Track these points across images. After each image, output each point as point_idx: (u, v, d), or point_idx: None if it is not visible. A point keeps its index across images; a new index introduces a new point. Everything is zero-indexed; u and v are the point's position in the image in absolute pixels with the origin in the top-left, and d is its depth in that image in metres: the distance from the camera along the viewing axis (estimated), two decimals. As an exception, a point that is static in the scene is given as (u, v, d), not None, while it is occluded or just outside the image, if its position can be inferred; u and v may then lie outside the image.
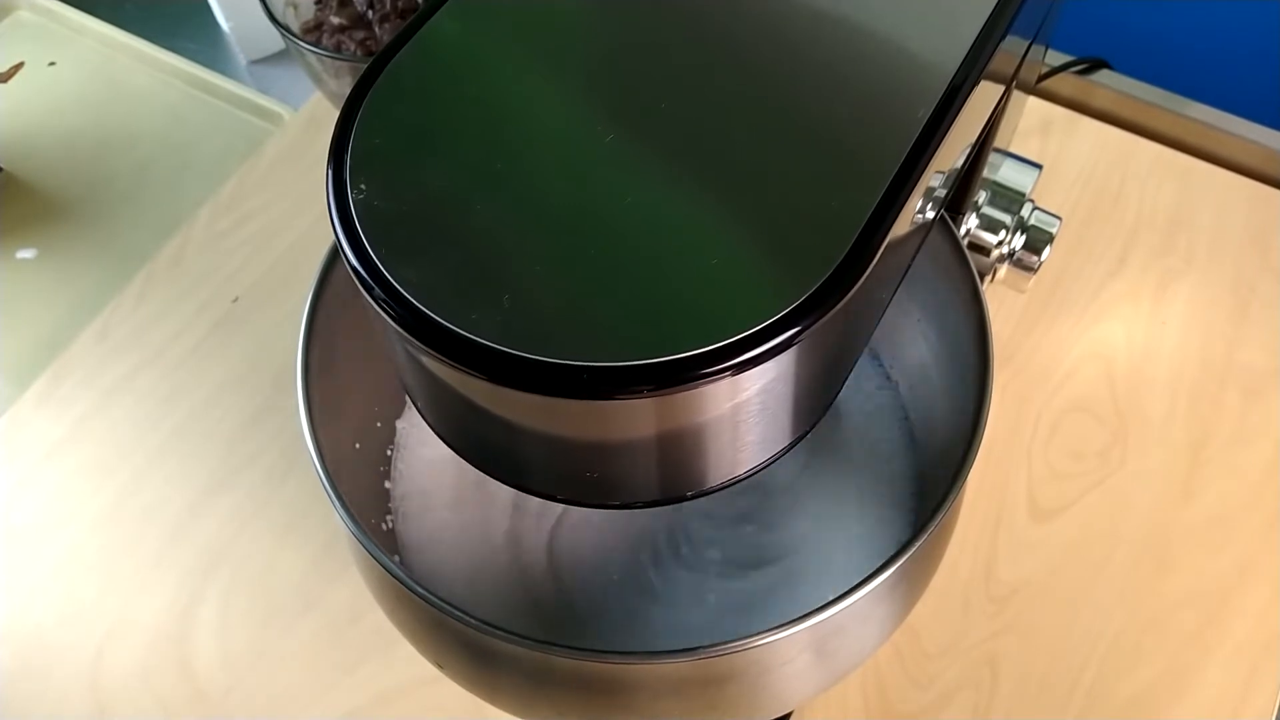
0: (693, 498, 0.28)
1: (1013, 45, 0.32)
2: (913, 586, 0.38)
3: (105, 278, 0.69)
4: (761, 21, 0.28)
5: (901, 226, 0.25)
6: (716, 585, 0.45)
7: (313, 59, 0.49)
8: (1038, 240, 0.46)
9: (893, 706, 0.47)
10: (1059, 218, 0.46)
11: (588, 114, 0.26)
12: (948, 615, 0.49)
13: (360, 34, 0.52)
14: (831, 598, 0.31)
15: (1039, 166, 0.46)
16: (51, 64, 0.82)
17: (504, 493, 0.47)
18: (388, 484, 0.47)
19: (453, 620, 0.31)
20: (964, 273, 0.39)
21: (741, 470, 0.28)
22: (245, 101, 0.79)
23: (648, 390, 0.22)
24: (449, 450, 0.29)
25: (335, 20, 0.52)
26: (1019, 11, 0.29)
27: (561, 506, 0.46)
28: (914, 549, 0.32)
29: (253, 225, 0.64)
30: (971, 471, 0.34)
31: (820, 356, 0.25)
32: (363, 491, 0.44)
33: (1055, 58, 0.66)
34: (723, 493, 0.28)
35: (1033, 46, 0.38)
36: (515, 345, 0.23)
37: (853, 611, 0.32)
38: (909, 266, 0.31)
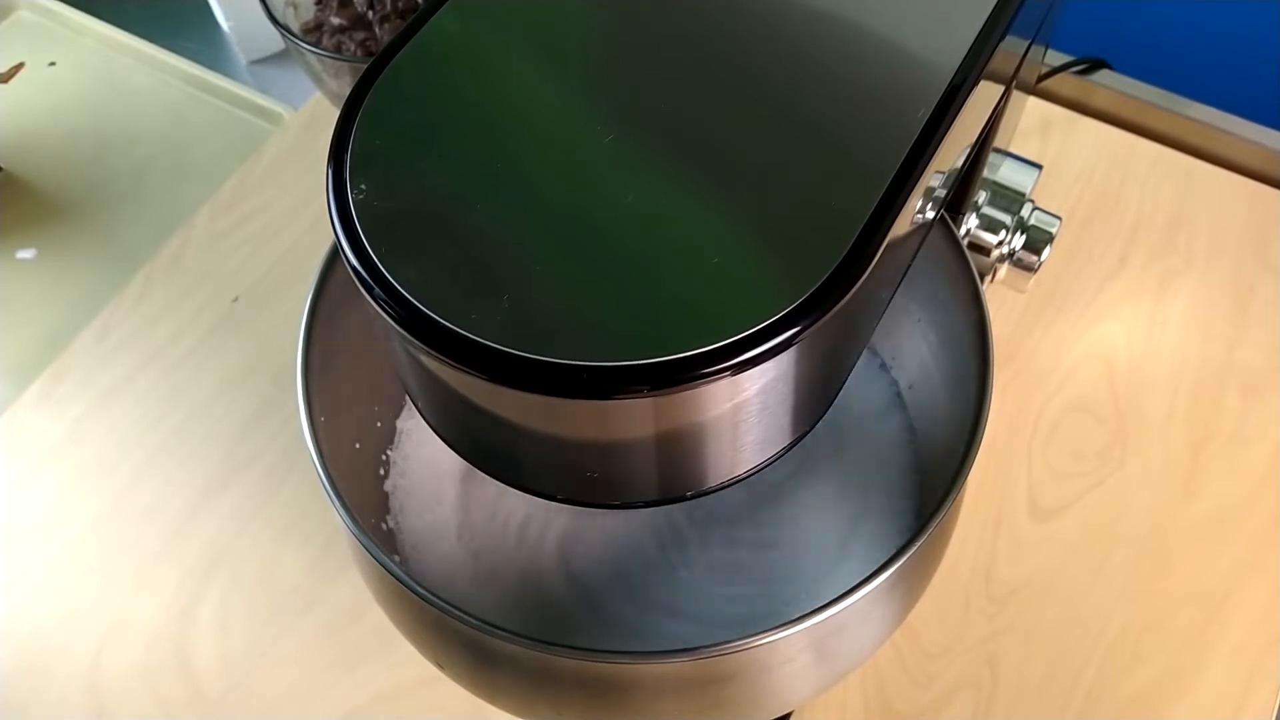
0: (692, 497, 0.28)
1: (1012, 45, 0.32)
2: (913, 586, 0.38)
3: (105, 278, 0.69)
4: (761, 21, 0.28)
5: (901, 227, 0.25)
6: (715, 585, 0.45)
7: (313, 59, 0.49)
8: (1038, 240, 0.46)
9: (893, 706, 0.47)
10: (1059, 218, 0.46)
11: (587, 114, 0.26)
12: (948, 615, 0.49)
13: (360, 34, 0.52)
14: (831, 598, 0.31)
15: (1039, 166, 0.46)
16: (51, 64, 0.82)
17: (505, 493, 0.47)
18: (388, 484, 0.47)
19: (453, 620, 0.31)
20: (964, 273, 0.39)
21: (741, 470, 0.28)
22: (245, 101, 0.79)
23: (647, 390, 0.22)
24: (450, 449, 0.29)
25: (335, 21, 0.52)
26: (1019, 11, 0.29)
27: (564, 506, 0.46)
28: (914, 549, 0.32)
29: (252, 225, 0.64)
30: (971, 471, 0.34)
31: (820, 356, 0.25)
32: (363, 491, 0.44)
33: (1055, 58, 0.66)
34: (722, 492, 0.28)
35: (1033, 46, 0.38)
36: (515, 345, 0.23)
37: (853, 611, 0.32)
38: (909, 266, 0.31)
